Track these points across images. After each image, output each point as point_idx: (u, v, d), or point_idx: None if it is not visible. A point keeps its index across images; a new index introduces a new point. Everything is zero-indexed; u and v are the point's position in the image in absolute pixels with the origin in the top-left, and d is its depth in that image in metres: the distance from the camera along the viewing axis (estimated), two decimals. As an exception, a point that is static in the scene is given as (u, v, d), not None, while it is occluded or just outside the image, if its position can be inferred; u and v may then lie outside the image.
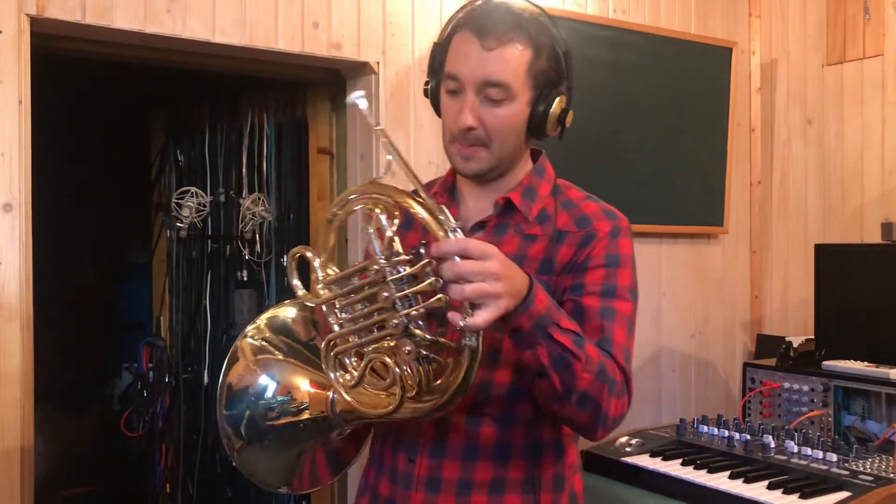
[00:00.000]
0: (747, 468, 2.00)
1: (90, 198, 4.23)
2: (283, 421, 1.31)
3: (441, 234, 1.10)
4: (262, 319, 1.37)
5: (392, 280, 1.10)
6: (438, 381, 1.15)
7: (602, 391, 1.17)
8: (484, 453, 1.28)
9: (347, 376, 1.21)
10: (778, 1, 3.37)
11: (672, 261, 3.21)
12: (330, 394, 1.29)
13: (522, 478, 1.29)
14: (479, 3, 1.30)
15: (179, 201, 3.36)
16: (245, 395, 1.32)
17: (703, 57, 3.13)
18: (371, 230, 1.18)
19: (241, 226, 3.25)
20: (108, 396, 4.20)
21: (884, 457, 2.03)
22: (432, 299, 1.08)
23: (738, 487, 1.88)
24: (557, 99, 1.30)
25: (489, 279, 1.04)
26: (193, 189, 3.36)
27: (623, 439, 2.24)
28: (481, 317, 1.04)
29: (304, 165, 3.00)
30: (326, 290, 1.23)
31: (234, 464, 1.35)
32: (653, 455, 2.13)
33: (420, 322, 1.11)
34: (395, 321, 1.10)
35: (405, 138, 2.51)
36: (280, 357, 1.34)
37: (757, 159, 3.41)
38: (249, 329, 1.36)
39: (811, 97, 3.30)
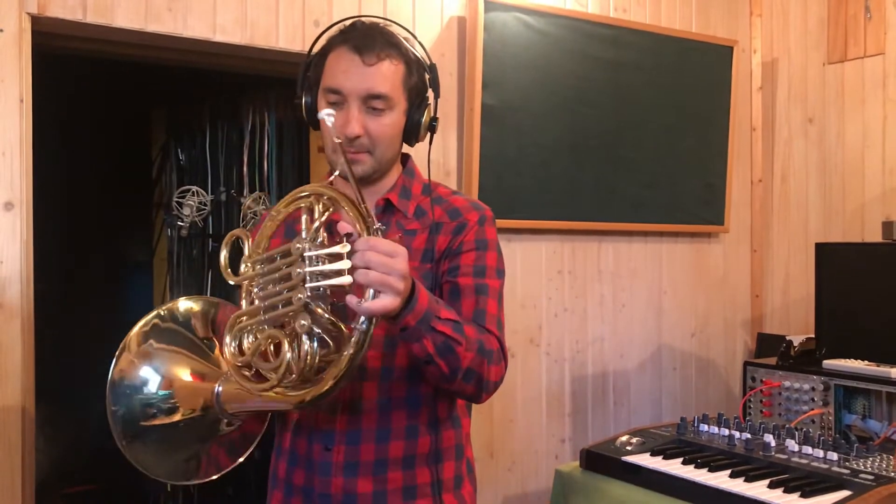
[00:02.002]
0: (748, 467, 2.00)
1: (91, 196, 4.23)
2: (161, 421, 1.37)
3: (365, 231, 1.22)
4: (166, 307, 1.44)
5: (307, 256, 1.19)
6: (321, 373, 1.22)
7: (482, 364, 1.34)
8: (396, 434, 1.41)
9: (239, 354, 1.28)
10: (779, -1, 3.37)
11: (673, 259, 3.21)
12: (216, 386, 1.35)
13: (429, 451, 1.43)
14: (350, 24, 1.44)
15: (180, 200, 3.36)
16: (131, 387, 1.38)
17: (703, 56, 3.13)
18: (304, 218, 1.27)
19: (241, 224, 3.25)
20: (109, 395, 4.20)
21: (885, 455, 2.03)
22: (337, 278, 1.18)
23: (738, 486, 1.88)
24: (427, 109, 1.46)
25: (394, 274, 1.16)
26: (194, 188, 3.37)
27: (623, 438, 2.23)
28: (379, 302, 1.16)
29: (304, 164, 3.01)
30: (249, 269, 1.31)
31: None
32: (653, 454, 2.12)
33: (321, 303, 1.20)
34: (299, 296, 1.19)
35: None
36: (173, 348, 1.41)
37: (758, 158, 3.41)
38: (151, 316, 1.42)
39: (812, 96, 3.30)
